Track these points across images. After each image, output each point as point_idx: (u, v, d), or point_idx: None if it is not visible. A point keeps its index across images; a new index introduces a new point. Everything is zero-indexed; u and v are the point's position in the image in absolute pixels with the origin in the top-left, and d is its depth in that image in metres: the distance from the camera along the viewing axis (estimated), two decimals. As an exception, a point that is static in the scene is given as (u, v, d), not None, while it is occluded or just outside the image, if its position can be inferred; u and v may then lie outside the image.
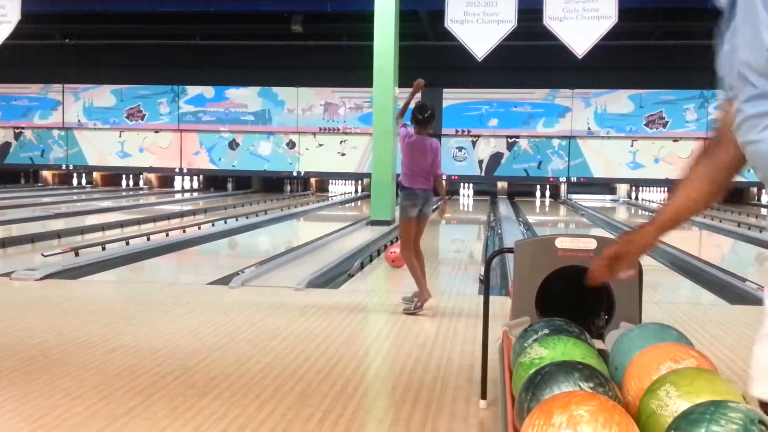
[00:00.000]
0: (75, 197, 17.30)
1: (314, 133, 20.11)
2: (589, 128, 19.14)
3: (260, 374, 3.92)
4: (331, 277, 7.23)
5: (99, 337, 4.62)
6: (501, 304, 5.27)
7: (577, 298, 2.99)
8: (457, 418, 3.32)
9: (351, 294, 6.33)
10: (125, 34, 19.01)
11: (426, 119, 5.70)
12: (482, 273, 5.37)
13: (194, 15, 17.45)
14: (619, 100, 19.01)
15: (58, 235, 9.79)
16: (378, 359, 4.41)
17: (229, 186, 21.36)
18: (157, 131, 20.59)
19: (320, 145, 20.12)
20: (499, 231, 11.42)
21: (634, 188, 20.28)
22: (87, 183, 21.83)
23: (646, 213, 16.73)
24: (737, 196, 18.02)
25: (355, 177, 20.44)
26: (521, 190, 20.32)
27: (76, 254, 7.90)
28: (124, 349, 4.36)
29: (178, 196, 19.53)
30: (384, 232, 10.91)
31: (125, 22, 18.41)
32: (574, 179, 19.41)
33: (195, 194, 20.19)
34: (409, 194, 5.66)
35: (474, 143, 19.72)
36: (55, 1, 16.42)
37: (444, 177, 5.87)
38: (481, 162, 19.72)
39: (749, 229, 11.80)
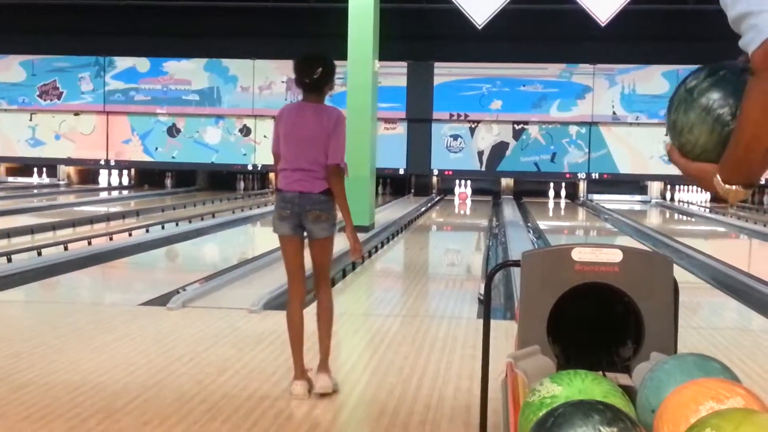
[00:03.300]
0: (-27, 195, 17.12)
1: (274, 117, 20.05)
2: (614, 113, 19.27)
3: (206, 417, 3.91)
4: (295, 297, 7.21)
5: (3, 371, 4.58)
6: (505, 330, 5.28)
7: (599, 323, 3.01)
8: (450, 471, 3.33)
9: (319, 317, 6.32)
10: (38, -9, 18.91)
11: (316, 82, 4.36)
12: (482, 292, 5.38)
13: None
14: (651, 78, 19.11)
15: (-49, 242, 9.72)
16: (353, 398, 4.41)
17: (168, 182, 21.27)
18: (77, 113, 20.47)
19: (282, 131, 20.07)
20: (503, 239, 11.47)
21: (668, 187, 20.40)
22: (-11, 178, 21.68)
23: (684, 217, 16.87)
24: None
25: (325, 172, 20.42)
26: (530, 188, 20.41)
27: (-25, 267, 7.84)
28: (34, 385, 4.34)
29: (104, 194, 19.42)
30: (360, 240, 10.89)
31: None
32: (595, 175, 19.52)
33: (125, 192, 20.09)
34: (277, 199, 4.45)
35: (473, 131, 19.78)
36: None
37: (346, 172, 4.52)
38: (481, 154, 19.79)
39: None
